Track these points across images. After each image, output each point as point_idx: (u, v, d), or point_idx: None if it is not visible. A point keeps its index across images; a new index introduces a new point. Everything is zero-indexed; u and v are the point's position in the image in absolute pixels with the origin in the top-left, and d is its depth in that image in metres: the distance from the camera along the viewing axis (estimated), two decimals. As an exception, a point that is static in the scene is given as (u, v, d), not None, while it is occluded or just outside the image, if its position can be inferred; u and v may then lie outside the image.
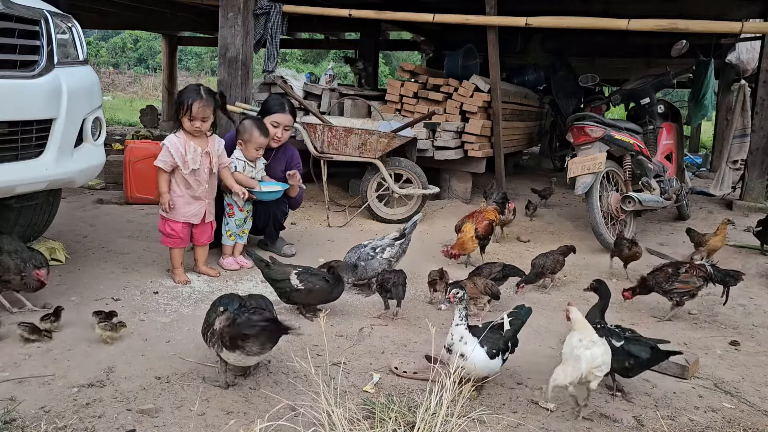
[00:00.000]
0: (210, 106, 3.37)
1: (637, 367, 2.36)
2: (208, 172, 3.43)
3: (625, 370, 2.36)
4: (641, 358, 2.34)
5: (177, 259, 3.46)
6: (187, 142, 3.37)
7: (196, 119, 3.33)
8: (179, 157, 3.34)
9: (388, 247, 3.50)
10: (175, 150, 3.34)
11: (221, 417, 2.11)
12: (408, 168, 5.17)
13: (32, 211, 3.57)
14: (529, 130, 7.88)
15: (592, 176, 4.52)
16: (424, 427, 1.85)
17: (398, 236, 3.58)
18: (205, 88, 3.43)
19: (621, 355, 2.32)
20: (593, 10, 6.31)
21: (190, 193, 3.41)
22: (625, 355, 2.33)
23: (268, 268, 3.08)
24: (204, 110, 3.34)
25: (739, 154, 6.36)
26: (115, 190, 5.69)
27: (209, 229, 3.57)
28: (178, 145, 3.35)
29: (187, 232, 3.46)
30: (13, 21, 2.85)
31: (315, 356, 2.59)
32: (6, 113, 2.79)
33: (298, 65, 23.64)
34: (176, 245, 3.44)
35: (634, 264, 4.03)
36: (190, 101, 3.32)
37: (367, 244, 3.53)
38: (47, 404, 2.13)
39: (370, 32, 10.40)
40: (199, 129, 3.37)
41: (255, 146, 3.77)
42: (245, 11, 5.36)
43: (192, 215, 3.44)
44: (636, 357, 2.33)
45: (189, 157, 3.35)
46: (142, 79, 23.40)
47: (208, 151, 3.42)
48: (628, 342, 2.36)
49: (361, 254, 3.44)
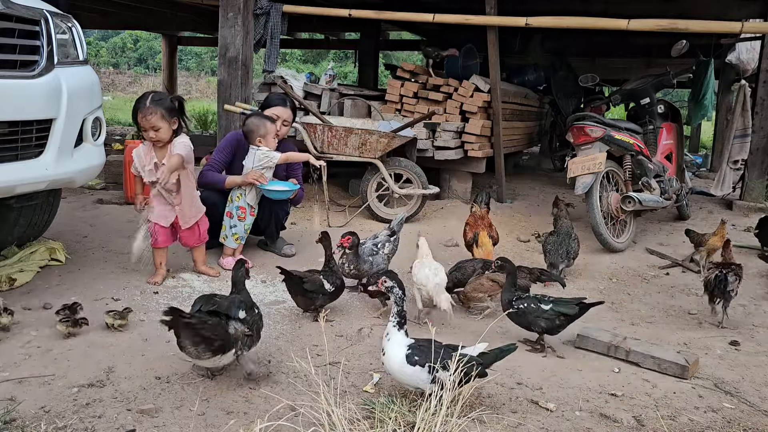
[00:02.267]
0: (156, 114, 3.18)
1: (566, 323, 2.76)
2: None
3: (556, 327, 2.75)
4: (570, 314, 2.73)
5: (156, 258, 3.48)
6: (149, 153, 3.34)
7: (146, 129, 3.24)
8: (141, 166, 3.35)
9: (387, 243, 3.54)
10: (138, 159, 3.36)
11: (221, 417, 2.11)
12: (408, 168, 5.17)
13: (32, 211, 3.57)
14: (529, 130, 7.87)
15: (592, 176, 4.52)
16: (424, 427, 1.85)
17: (390, 233, 3.61)
18: (156, 95, 3.27)
19: (552, 315, 2.73)
20: (593, 10, 6.30)
21: (161, 197, 3.40)
22: (555, 314, 2.73)
23: (303, 282, 3.00)
24: (148, 119, 3.19)
25: (739, 154, 6.36)
26: (115, 190, 5.69)
27: (197, 231, 3.52)
28: (142, 155, 3.36)
29: (164, 233, 3.43)
30: (13, 21, 2.85)
31: (315, 356, 2.59)
32: (6, 113, 2.79)
33: (298, 65, 23.64)
34: (155, 245, 3.45)
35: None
36: (135, 111, 3.23)
37: (365, 241, 3.54)
38: (47, 404, 2.13)
39: (370, 32, 10.40)
40: (154, 138, 3.25)
41: (272, 135, 3.78)
42: (245, 11, 5.36)
43: (162, 217, 3.41)
44: (565, 315, 2.73)
45: (147, 168, 3.34)
46: (142, 79, 23.38)
47: (164, 162, 3.28)
48: (556, 303, 2.75)
49: (365, 251, 3.44)
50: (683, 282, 4.08)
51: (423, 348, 2.17)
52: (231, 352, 2.26)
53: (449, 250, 4.43)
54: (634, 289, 3.95)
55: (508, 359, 2.34)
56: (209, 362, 2.27)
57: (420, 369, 2.14)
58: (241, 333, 2.28)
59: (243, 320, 2.31)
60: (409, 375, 2.17)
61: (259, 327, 2.44)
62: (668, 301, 3.73)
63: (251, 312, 2.39)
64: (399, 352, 2.18)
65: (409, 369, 2.15)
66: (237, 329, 2.27)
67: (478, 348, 2.22)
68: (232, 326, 2.26)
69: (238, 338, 2.27)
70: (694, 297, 3.80)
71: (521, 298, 2.80)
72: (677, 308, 3.60)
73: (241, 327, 2.29)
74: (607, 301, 3.70)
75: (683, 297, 3.82)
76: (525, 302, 2.78)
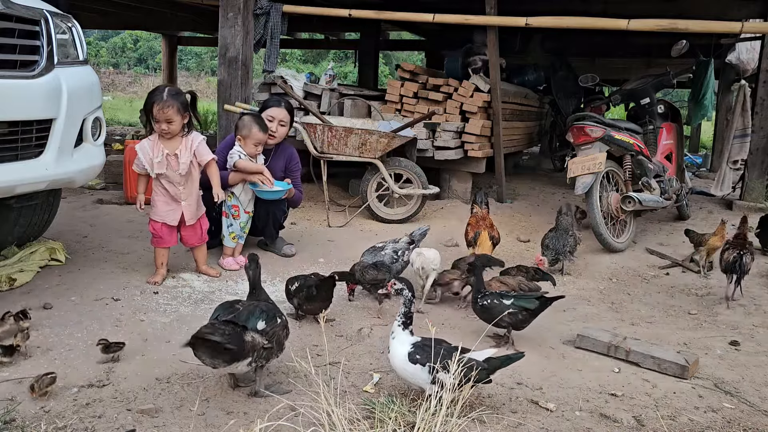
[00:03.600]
0: (173, 107, 3.26)
1: (530, 317, 2.79)
2: (177, 174, 3.37)
3: (519, 321, 2.78)
4: (531, 308, 2.77)
5: (158, 258, 3.47)
6: (157, 145, 3.35)
7: (159, 121, 3.28)
8: (147, 161, 3.34)
9: (406, 251, 3.54)
10: (144, 153, 3.35)
11: (221, 417, 2.11)
12: (408, 168, 5.17)
13: (32, 211, 3.57)
14: (529, 130, 7.87)
15: (592, 176, 4.52)
16: (424, 427, 1.85)
17: (409, 242, 3.61)
18: (172, 89, 3.33)
19: (515, 310, 2.77)
20: (593, 10, 6.30)
21: (167, 194, 3.41)
22: (518, 309, 2.77)
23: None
24: (165, 112, 3.25)
25: (739, 154, 6.36)
26: (115, 190, 5.69)
27: (199, 230, 3.53)
28: (147, 149, 3.35)
29: (169, 232, 3.44)
30: (13, 21, 2.85)
31: (315, 356, 2.59)
32: (6, 113, 2.79)
33: (298, 65, 23.63)
34: (158, 245, 3.44)
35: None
36: (151, 103, 3.28)
37: (383, 247, 3.55)
38: (47, 404, 2.13)
39: (370, 32, 10.39)
40: (165, 131, 3.30)
41: (254, 141, 3.76)
42: (245, 11, 5.36)
43: (168, 216, 3.41)
44: (526, 309, 2.77)
45: (156, 160, 3.33)
46: (142, 79, 23.37)
47: (177, 153, 3.34)
48: (518, 299, 2.81)
49: (385, 258, 3.45)
50: (683, 282, 4.08)
51: (426, 347, 2.18)
52: (245, 361, 2.14)
53: (449, 250, 4.42)
54: (634, 289, 3.95)
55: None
56: (224, 370, 2.19)
57: (421, 368, 2.15)
58: (259, 344, 2.15)
59: (262, 332, 2.19)
60: (411, 373, 2.19)
61: (281, 338, 2.29)
62: (668, 301, 3.73)
63: (272, 322, 2.24)
64: (402, 349, 2.21)
65: (410, 367, 2.18)
66: (255, 339, 2.15)
67: (486, 353, 2.23)
68: (249, 335, 2.14)
69: (256, 348, 2.15)
70: (694, 297, 3.81)
71: (485, 295, 2.85)
72: (677, 308, 3.60)
73: (260, 338, 2.16)
74: (606, 301, 3.70)
75: (683, 297, 3.82)
76: (489, 299, 2.83)
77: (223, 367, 2.13)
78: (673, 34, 5.33)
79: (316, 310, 2.86)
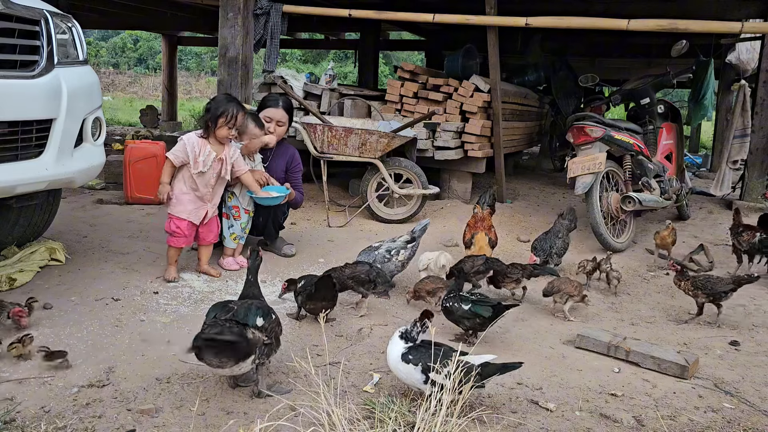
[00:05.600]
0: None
1: (487, 322, 2.76)
2: (216, 177, 3.47)
3: (478, 325, 2.79)
4: (485, 315, 2.76)
5: (173, 257, 3.49)
6: (205, 144, 3.40)
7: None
8: (192, 155, 3.38)
9: (402, 250, 3.50)
10: (190, 147, 3.38)
11: (221, 417, 2.11)
12: (408, 168, 5.17)
13: (32, 211, 3.57)
14: (529, 130, 7.87)
15: (592, 176, 4.52)
16: (424, 427, 1.85)
17: (409, 239, 3.57)
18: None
19: (470, 316, 2.78)
20: (593, 10, 6.30)
21: (195, 193, 3.45)
22: (473, 315, 2.78)
23: None
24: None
25: (739, 154, 6.36)
26: (115, 190, 5.69)
27: (215, 227, 3.61)
28: (195, 143, 3.39)
29: (192, 231, 3.49)
30: (13, 21, 2.85)
31: (315, 356, 2.59)
32: (6, 113, 2.78)
33: (298, 65, 23.63)
34: (179, 244, 3.46)
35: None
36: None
37: (379, 246, 3.53)
38: (47, 404, 2.13)
39: (370, 32, 10.40)
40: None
41: (249, 137, 3.77)
42: (245, 11, 5.36)
43: (193, 214, 3.46)
44: (481, 316, 2.76)
45: (201, 158, 3.38)
46: (142, 79, 23.39)
47: (222, 157, 3.45)
48: (474, 304, 2.79)
49: (376, 257, 3.43)
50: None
51: (420, 348, 2.20)
52: (250, 359, 2.14)
53: (449, 251, 4.42)
54: (634, 289, 3.95)
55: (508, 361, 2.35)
56: (229, 370, 2.16)
57: (414, 368, 2.17)
58: (260, 340, 2.15)
59: (261, 327, 2.18)
60: (404, 372, 2.20)
61: (278, 334, 2.30)
62: (668, 301, 3.73)
63: (268, 318, 2.25)
64: (397, 349, 2.22)
65: (402, 366, 2.19)
66: (256, 335, 2.15)
67: (483, 358, 2.23)
68: (250, 332, 2.14)
69: (258, 344, 2.15)
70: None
71: (450, 298, 2.85)
72: (677, 308, 3.60)
73: (260, 335, 2.16)
74: (606, 301, 3.70)
75: (683, 297, 3.80)
76: (451, 301, 2.84)
77: (229, 367, 2.11)
78: (673, 34, 5.33)
79: (318, 310, 2.86)
